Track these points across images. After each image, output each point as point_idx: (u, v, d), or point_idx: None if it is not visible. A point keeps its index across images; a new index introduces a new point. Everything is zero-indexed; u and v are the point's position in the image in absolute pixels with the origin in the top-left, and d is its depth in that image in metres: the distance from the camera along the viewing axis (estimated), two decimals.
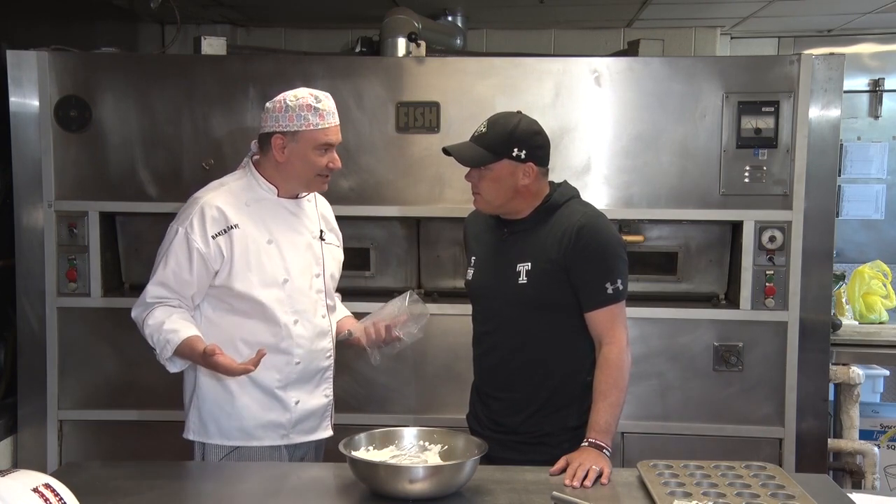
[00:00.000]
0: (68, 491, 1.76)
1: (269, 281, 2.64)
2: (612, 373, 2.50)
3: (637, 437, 3.71)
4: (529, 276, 2.53)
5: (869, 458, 4.02)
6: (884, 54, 5.49)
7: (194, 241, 2.60)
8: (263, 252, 2.64)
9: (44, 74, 3.69)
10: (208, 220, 2.61)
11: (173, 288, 2.63)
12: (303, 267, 2.70)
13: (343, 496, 2.24)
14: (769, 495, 2.17)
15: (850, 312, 4.37)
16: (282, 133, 2.62)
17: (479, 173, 2.54)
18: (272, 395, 2.68)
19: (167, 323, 2.58)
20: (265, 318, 2.64)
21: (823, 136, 3.64)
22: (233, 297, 2.64)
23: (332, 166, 2.67)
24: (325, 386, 2.79)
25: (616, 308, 2.54)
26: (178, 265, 2.62)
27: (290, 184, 2.70)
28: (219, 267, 2.61)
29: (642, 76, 3.69)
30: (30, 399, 3.80)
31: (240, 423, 2.69)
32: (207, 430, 2.71)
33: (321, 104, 2.62)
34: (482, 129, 2.55)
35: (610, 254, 2.54)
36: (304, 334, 2.69)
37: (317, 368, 2.75)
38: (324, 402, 2.79)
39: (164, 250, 2.66)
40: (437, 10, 4.65)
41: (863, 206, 5.44)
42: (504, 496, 2.22)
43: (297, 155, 2.63)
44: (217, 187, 2.71)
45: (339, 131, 2.69)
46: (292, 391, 2.71)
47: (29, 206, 3.74)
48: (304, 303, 2.69)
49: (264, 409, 2.69)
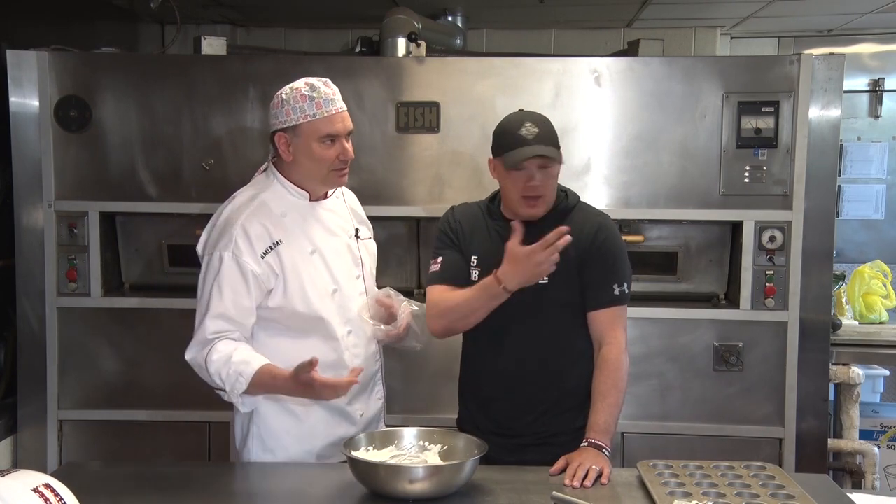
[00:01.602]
0: (68, 491, 1.76)
1: (321, 293, 2.51)
2: (611, 373, 2.50)
3: (637, 437, 3.71)
4: (550, 277, 2.47)
5: (869, 458, 4.02)
6: (884, 54, 5.49)
7: (247, 264, 2.42)
8: (310, 264, 2.51)
9: (44, 74, 3.69)
10: (254, 238, 2.44)
11: (234, 318, 2.44)
12: (346, 272, 2.59)
13: (343, 496, 2.24)
14: (769, 495, 2.17)
15: (850, 312, 4.37)
16: (283, 130, 2.48)
17: (548, 173, 2.50)
18: (339, 413, 2.58)
19: (235, 356, 2.39)
20: (324, 333, 2.52)
21: (823, 136, 3.64)
22: (290, 317, 2.49)
23: (343, 158, 2.51)
24: (378, 389, 2.71)
25: (619, 310, 2.56)
26: (234, 293, 2.42)
27: (310, 183, 2.55)
28: (272, 286, 2.46)
29: (642, 76, 3.69)
30: (30, 399, 3.80)
31: (310, 447, 2.57)
32: (275, 455, 2.55)
33: (316, 92, 2.46)
34: (534, 129, 2.48)
35: (621, 256, 2.58)
36: (359, 343, 2.60)
37: (371, 374, 2.66)
38: (379, 405, 2.72)
39: (211, 280, 2.45)
40: (437, 10, 4.64)
41: (863, 206, 5.44)
42: (504, 496, 2.22)
43: (302, 151, 2.48)
44: (248, 203, 2.51)
45: (346, 118, 2.53)
46: (357, 404, 2.62)
47: (29, 206, 3.74)
48: (352, 310, 2.58)
49: (332, 427, 2.57)
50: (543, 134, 2.49)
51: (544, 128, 2.51)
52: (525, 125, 2.49)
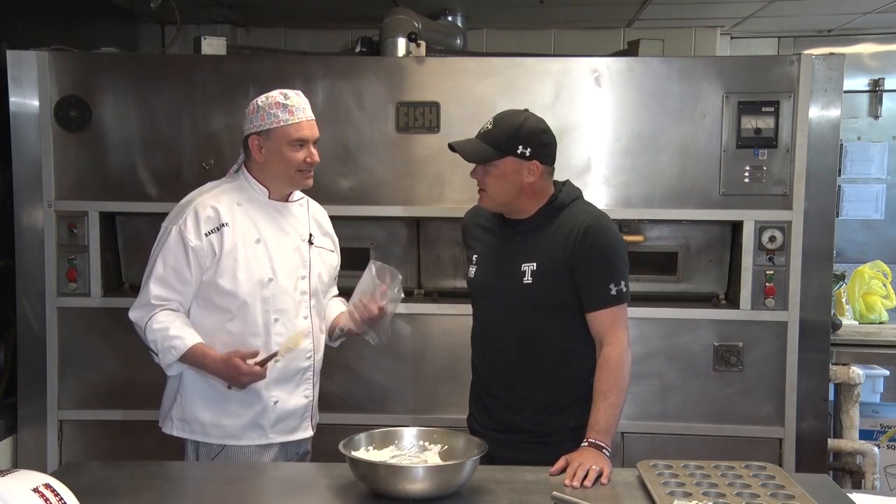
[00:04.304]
0: (68, 491, 1.76)
1: (254, 279, 2.68)
2: (612, 373, 2.50)
3: (637, 437, 3.71)
4: (535, 277, 2.52)
5: (869, 458, 4.02)
6: (884, 54, 5.50)
7: (189, 239, 2.65)
8: (251, 250, 2.69)
9: (44, 74, 3.69)
10: (202, 219, 2.67)
11: (175, 287, 2.68)
12: (289, 268, 2.74)
13: (343, 496, 2.24)
14: (769, 495, 2.17)
15: (850, 312, 4.37)
16: (257, 133, 2.70)
17: (484, 170, 2.54)
18: (253, 394, 2.70)
19: (172, 329, 2.64)
20: (245, 316, 2.68)
21: (823, 136, 3.64)
22: (217, 293, 2.68)
23: (309, 161, 2.72)
24: (306, 387, 2.81)
25: (618, 310, 2.54)
26: (176, 262, 2.67)
27: (275, 183, 2.76)
28: (209, 264, 2.67)
29: (642, 76, 3.69)
30: (30, 399, 3.81)
31: (220, 422, 2.73)
32: (192, 429, 2.76)
33: (290, 101, 2.69)
34: (488, 125, 2.54)
35: (615, 255, 2.55)
36: (284, 333, 2.71)
37: (296, 368, 2.77)
38: (304, 402, 2.81)
39: (158, 250, 2.71)
40: (437, 10, 4.65)
41: (863, 206, 5.44)
42: (504, 496, 2.22)
43: (273, 153, 2.70)
44: (210, 189, 2.78)
45: (314, 127, 2.74)
46: (274, 391, 2.73)
47: (29, 206, 3.74)
48: (287, 303, 2.73)
49: (244, 408, 2.72)
50: (489, 132, 2.53)
51: (496, 127, 2.53)
52: (489, 120, 2.56)
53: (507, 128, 2.51)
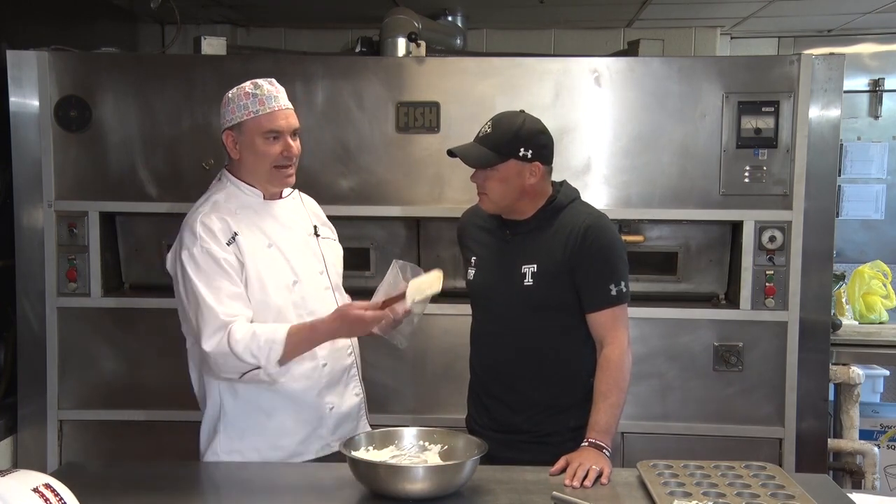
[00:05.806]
0: (68, 491, 1.76)
1: (281, 284, 2.53)
2: (613, 374, 2.50)
3: (637, 437, 3.71)
4: (535, 278, 2.52)
5: (869, 458, 4.02)
6: (884, 54, 5.50)
7: (217, 252, 2.45)
8: (268, 256, 2.54)
9: (44, 74, 3.69)
10: (217, 231, 2.47)
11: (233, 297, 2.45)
12: (308, 266, 2.62)
13: (343, 496, 2.24)
14: (769, 495, 2.17)
15: (850, 312, 4.37)
16: (230, 128, 2.53)
17: (485, 174, 2.52)
18: (308, 407, 2.57)
19: (257, 329, 2.40)
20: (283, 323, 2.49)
21: (823, 136, 3.64)
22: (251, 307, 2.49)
23: (287, 154, 2.52)
24: (354, 384, 2.70)
25: (618, 310, 2.54)
26: (217, 277, 2.44)
27: (259, 182, 2.58)
28: (239, 276, 2.48)
29: (642, 76, 3.69)
30: (30, 399, 3.80)
31: (279, 444, 2.56)
32: (247, 457, 2.56)
33: (259, 90, 2.50)
34: (487, 129, 2.53)
35: (614, 255, 2.55)
36: None
37: (342, 367, 2.66)
38: (356, 401, 2.71)
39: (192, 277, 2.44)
40: (437, 10, 4.65)
41: (863, 206, 5.44)
42: (504, 496, 2.22)
43: (247, 147, 2.52)
44: (203, 204, 2.57)
45: (290, 116, 2.54)
46: (328, 397, 2.61)
47: (29, 206, 3.74)
48: (317, 302, 2.59)
49: (300, 423, 2.57)
50: (488, 135, 2.51)
51: (495, 130, 2.51)
52: (487, 123, 2.54)
53: (507, 130, 2.50)
